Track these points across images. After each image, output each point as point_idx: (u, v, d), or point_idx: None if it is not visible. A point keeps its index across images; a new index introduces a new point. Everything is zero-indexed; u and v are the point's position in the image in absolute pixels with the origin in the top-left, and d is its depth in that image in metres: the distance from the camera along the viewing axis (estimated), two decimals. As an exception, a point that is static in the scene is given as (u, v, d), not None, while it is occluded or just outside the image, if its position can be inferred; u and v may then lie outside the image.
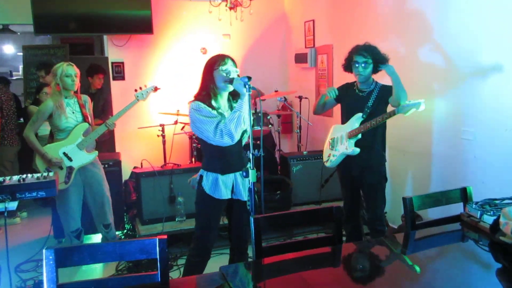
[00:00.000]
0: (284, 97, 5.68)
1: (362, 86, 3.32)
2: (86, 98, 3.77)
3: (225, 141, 2.53)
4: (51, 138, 3.66)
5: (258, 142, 4.90)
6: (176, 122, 5.25)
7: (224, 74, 2.60)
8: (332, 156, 3.48)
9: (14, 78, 9.73)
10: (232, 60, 2.69)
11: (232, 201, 2.81)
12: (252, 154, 2.29)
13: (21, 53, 7.21)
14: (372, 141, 3.29)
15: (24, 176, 2.18)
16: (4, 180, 2.08)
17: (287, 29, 6.70)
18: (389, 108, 3.21)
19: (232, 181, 2.74)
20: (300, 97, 5.67)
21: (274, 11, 6.64)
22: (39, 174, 2.21)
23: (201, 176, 2.76)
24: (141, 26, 5.67)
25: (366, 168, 3.31)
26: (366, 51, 3.19)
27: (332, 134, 3.56)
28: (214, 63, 2.64)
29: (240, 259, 2.88)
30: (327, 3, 5.54)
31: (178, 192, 4.24)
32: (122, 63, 6.03)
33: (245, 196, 2.72)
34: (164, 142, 5.18)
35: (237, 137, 2.56)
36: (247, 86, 2.35)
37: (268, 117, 5.38)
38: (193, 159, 5.16)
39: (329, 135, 3.58)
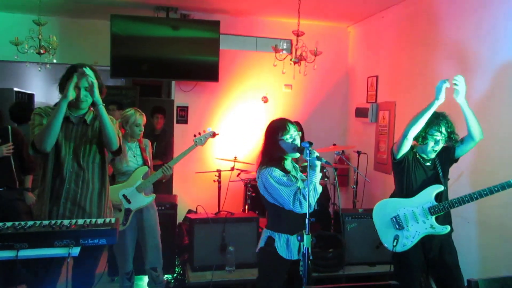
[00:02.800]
0: (342, 151, 5.63)
1: (423, 154, 2.98)
2: (147, 142, 3.92)
3: (304, 210, 2.51)
4: (113, 179, 3.81)
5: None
6: (232, 169, 5.33)
7: (291, 142, 2.64)
8: (404, 239, 2.89)
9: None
10: (292, 123, 2.73)
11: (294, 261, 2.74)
12: (308, 219, 2.26)
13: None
14: (449, 212, 2.93)
15: (88, 221, 2.28)
16: (70, 225, 2.17)
17: (349, 83, 6.72)
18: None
19: (299, 242, 2.67)
20: (359, 152, 5.59)
21: (338, 66, 6.71)
22: (101, 220, 2.30)
23: (272, 238, 2.70)
24: (208, 73, 5.90)
25: (444, 245, 2.93)
26: (448, 126, 2.91)
27: (385, 211, 3.00)
28: (278, 132, 2.67)
29: None
30: (392, 60, 5.53)
31: (230, 241, 4.24)
32: (187, 107, 6.29)
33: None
34: (219, 188, 5.25)
35: (313, 206, 2.57)
36: (307, 151, 2.36)
37: (325, 170, 5.33)
38: (246, 207, 5.18)
39: (382, 213, 3.01)
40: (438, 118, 2.91)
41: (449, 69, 4.45)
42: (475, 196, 2.76)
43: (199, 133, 3.85)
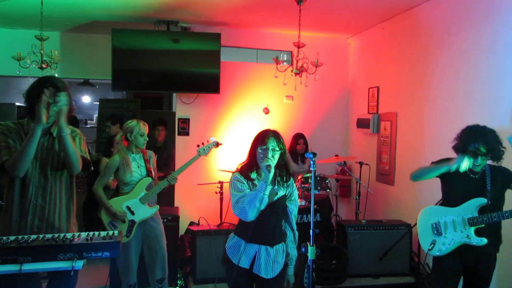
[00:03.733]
0: (344, 161, 5.63)
1: (471, 167, 2.96)
2: (150, 153, 3.92)
3: (241, 216, 2.59)
4: (117, 191, 3.81)
5: (315, 206, 4.83)
6: (234, 180, 5.31)
7: (262, 154, 2.64)
8: (441, 244, 3.01)
9: (88, 126, 10.45)
10: (276, 138, 2.69)
11: (255, 278, 2.73)
12: (312, 230, 2.25)
13: (97, 102, 7.75)
14: (496, 226, 2.95)
15: (91, 234, 2.27)
16: (73, 238, 2.17)
17: (351, 94, 6.74)
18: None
19: (255, 252, 2.69)
20: (361, 163, 5.58)
21: (339, 77, 6.75)
22: (105, 233, 2.29)
23: (228, 237, 2.83)
24: (209, 85, 5.93)
25: (482, 258, 2.97)
26: (487, 143, 2.87)
27: (428, 217, 3.12)
28: (258, 141, 2.71)
29: None
30: (393, 71, 5.55)
31: (232, 253, 4.21)
32: (188, 119, 6.30)
33: (266, 274, 2.66)
34: (221, 199, 5.24)
35: (250, 216, 2.53)
36: (311, 162, 2.35)
37: (327, 181, 5.32)
38: (248, 219, 5.15)
39: (425, 218, 3.13)
40: (476, 132, 2.92)
41: (450, 80, 4.47)
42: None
43: (202, 143, 3.86)
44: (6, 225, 2.54)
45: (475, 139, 2.87)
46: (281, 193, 2.71)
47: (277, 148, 2.65)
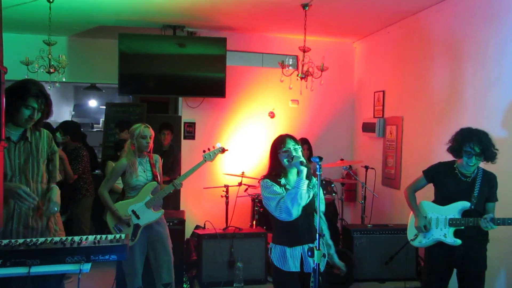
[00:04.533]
0: (350, 165, 5.62)
1: (463, 170, 3.12)
2: (157, 157, 3.93)
3: (284, 217, 2.61)
4: (123, 195, 3.83)
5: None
6: (240, 184, 5.33)
7: (286, 154, 2.69)
8: (422, 237, 3.24)
9: (95, 130, 10.50)
10: (292, 138, 2.78)
11: (305, 276, 2.74)
12: (319, 234, 2.26)
13: (103, 106, 7.78)
14: (479, 230, 3.05)
15: (98, 237, 2.28)
16: (81, 241, 2.18)
17: (356, 98, 6.75)
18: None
19: (301, 254, 2.73)
20: (366, 167, 5.57)
21: (344, 81, 6.76)
22: (112, 236, 2.30)
23: (270, 249, 2.82)
24: (215, 89, 5.96)
25: (470, 255, 3.08)
26: (481, 143, 2.98)
27: (421, 210, 3.30)
28: (277, 146, 2.76)
29: None
30: (398, 75, 5.55)
31: (238, 257, 4.22)
32: (194, 123, 6.33)
33: (321, 267, 2.70)
34: (227, 203, 5.24)
35: (295, 213, 2.59)
36: (317, 167, 2.37)
37: (332, 185, 5.32)
38: (254, 223, 5.16)
39: (417, 210, 3.32)
40: (470, 134, 3.03)
41: (456, 84, 4.46)
42: (482, 220, 2.95)
43: (208, 149, 3.86)
44: None
45: (470, 139, 2.98)
46: (309, 194, 2.73)
47: (297, 146, 2.73)
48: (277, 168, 2.75)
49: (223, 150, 3.89)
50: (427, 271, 3.30)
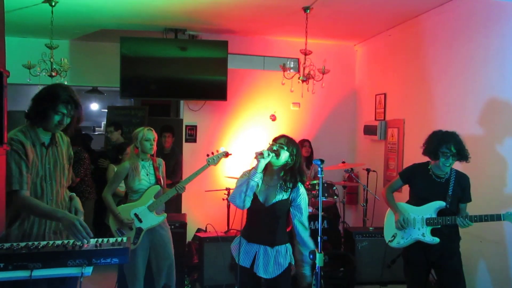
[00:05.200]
0: (351, 168, 5.61)
1: (438, 171, 3.21)
2: (160, 161, 3.95)
3: (235, 203, 2.69)
4: (126, 198, 3.84)
5: (323, 213, 4.82)
6: (242, 187, 5.31)
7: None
8: (400, 238, 3.31)
9: (96, 133, 10.52)
10: (287, 138, 2.82)
11: (260, 277, 2.76)
12: (321, 237, 2.26)
13: (105, 110, 7.79)
14: (453, 228, 3.19)
15: (100, 240, 2.28)
16: (83, 244, 2.18)
17: (357, 101, 6.75)
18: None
19: (255, 253, 2.75)
20: (368, 170, 5.56)
21: (346, 84, 6.76)
22: (113, 239, 2.30)
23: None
24: (216, 92, 5.96)
25: (446, 251, 3.18)
26: (456, 144, 3.10)
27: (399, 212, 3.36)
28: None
29: None
30: (400, 78, 5.55)
31: (240, 260, 4.21)
32: (196, 126, 6.34)
33: (265, 274, 2.70)
34: (229, 206, 5.23)
35: (238, 202, 2.64)
36: (319, 169, 2.36)
37: (334, 188, 5.31)
38: (256, 226, 5.15)
39: (391, 213, 3.42)
40: (447, 136, 3.13)
41: (457, 87, 4.46)
42: (459, 219, 3.06)
43: (212, 153, 3.86)
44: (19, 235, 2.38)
45: (446, 141, 3.09)
46: (280, 197, 2.70)
47: (285, 147, 2.69)
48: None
49: (226, 154, 3.89)
50: (408, 271, 3.36)
